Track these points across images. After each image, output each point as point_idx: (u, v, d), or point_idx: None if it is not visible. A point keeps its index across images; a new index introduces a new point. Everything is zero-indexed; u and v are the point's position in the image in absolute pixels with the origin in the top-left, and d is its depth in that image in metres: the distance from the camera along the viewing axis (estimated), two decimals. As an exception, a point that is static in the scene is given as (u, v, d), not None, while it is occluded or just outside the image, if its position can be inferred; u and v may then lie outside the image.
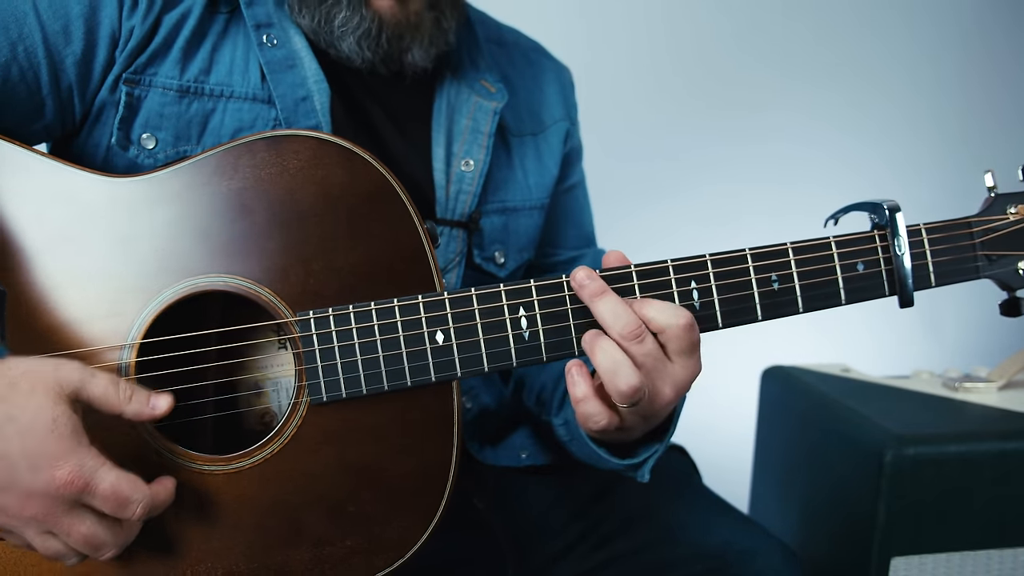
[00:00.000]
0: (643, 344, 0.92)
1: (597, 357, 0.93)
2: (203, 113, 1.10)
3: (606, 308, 0.94)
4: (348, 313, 0.96)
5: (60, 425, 0.81)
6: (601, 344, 0.93)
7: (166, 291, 0.95)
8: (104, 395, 0.85)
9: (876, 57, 2.71)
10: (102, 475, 0.82)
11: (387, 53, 1.15)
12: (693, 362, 0.95)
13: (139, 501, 0.84)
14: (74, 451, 0.81)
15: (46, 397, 0.81)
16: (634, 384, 0.90)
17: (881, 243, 1.02)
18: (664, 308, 0.93)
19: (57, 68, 1.05)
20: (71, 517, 0.83)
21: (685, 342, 0.93)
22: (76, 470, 0.81)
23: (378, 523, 0.97)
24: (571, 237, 1.44)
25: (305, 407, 0.96)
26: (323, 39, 1.14)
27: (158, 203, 0.95)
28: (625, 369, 0.91)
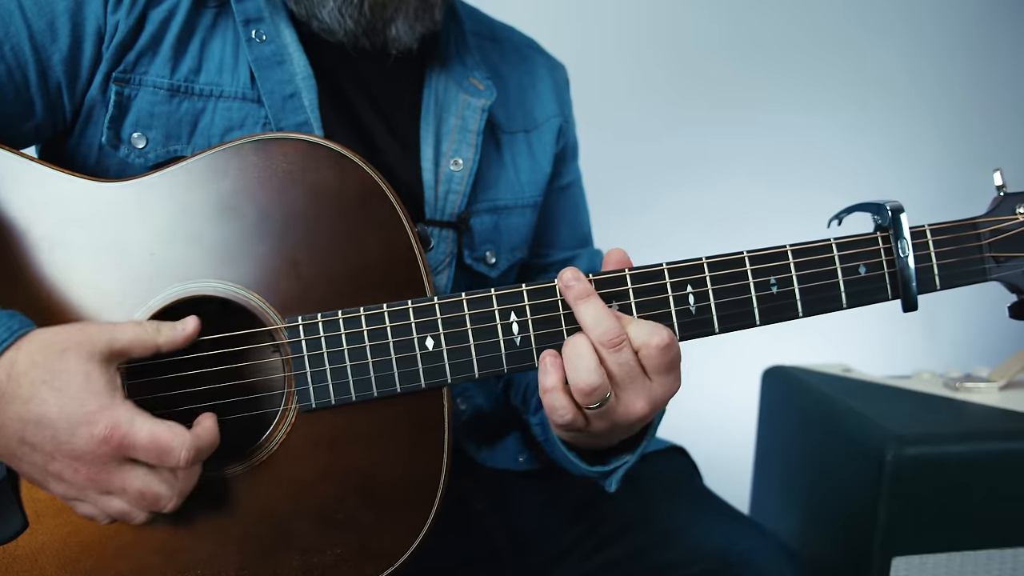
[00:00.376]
0: (619, 353, 0.89)
1: (566, 349, 0.90)
2: (193, 112, 1.05)
3: (589, 311, 0.90)
4: (337, 319, 0.91)
5: (93, 381, 0.80)
6: (574, 339, 0.90)
7: (156, 297, 0.91)
8: (135, 337, 0.85)
9: (877, 56, 2.66)
10: (139, 426, 0.81)
11: (369, 23, 1.09)
12: (671, 379, 0.92)
13: (181, 446, 0.82)
14: (108, 406, 0.80)
15: (78, 356, 0.81)
16: (591, 383, 0.88)
17: (884, 245, 0.97)
18: (644, 326, 0.90)
19: (44, 66, 1.01)
20: (121, 473, 0.82)
21: (662, 360, 0.90)
22: (112, 424, 0.80)
23: (368, 531, 0.94)
24: (565, 237, 1.39)
25: (294, 414, 0.92)
26: (304, 8, 1.09)
27: (147, 208, 0.92)
28: (587, 366, 0.88)
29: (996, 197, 0.98)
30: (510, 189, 1.26)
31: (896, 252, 0.96)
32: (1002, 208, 0.97)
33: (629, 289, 0.94)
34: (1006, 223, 0.97)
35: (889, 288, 0.97)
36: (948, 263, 0.98)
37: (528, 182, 1.29)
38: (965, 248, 0.98)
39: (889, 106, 2.68)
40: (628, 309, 0.94)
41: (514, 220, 1.27)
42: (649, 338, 0.89)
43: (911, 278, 0.95)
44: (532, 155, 1.30)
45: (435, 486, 0.94)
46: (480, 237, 1.23)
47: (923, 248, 0.97)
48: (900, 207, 0.95)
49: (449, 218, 1.18)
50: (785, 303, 0.96)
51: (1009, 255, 0.97)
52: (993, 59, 2.70)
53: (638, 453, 1.03)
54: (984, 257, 0.98)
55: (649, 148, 2.53)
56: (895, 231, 0.95)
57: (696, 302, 0.94)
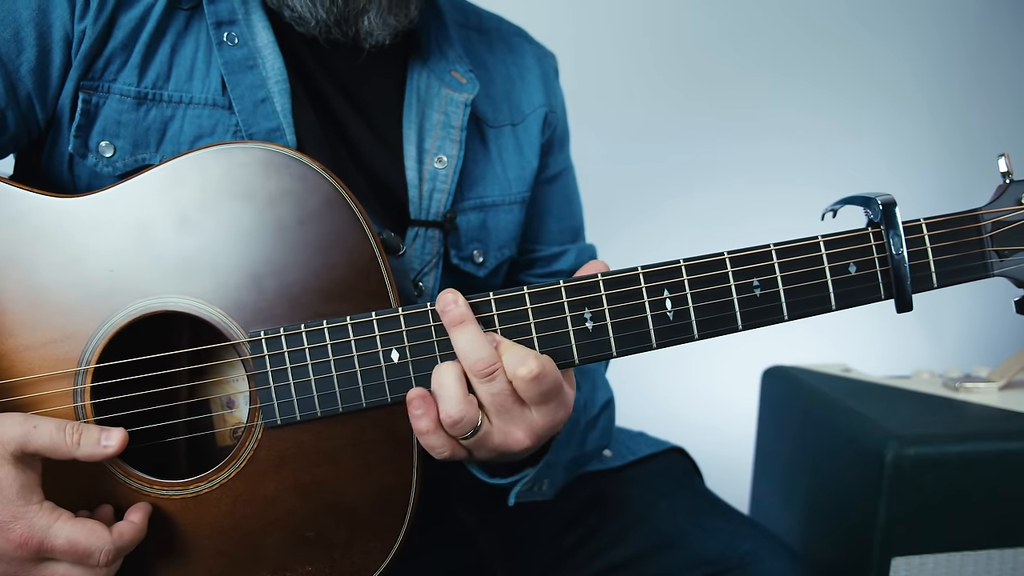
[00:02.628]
0: (492, 383, 0.75)
1: (433, 379, 0.76)
2: (162, 120, 0.91)
3: (464, 339, 0.75)
4: (300, 333, 0.77)
5: (4, 489, 0.71)
6: (443, 368, 0.76)
7: (118, 314, 0.78)
8: (51, 444, 0.73)
9: (876, 54, 2.46)
10: (55, 532, 0.71)
11: (342, 13, 0.93)
12: (550, 410, 0.77)
13: (100, 549, 0.72)
14: (22, 514, 0.71)
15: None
16: (454, 415, 0.74)
17: (876, 241, 0.79)
18: (515, 354, 0.75)
19: (12, 78, 0.87)
20: (41, 570, 0.73)
21: (533, 392, 0.75)
22: (27, 531, 0.71)
23: (338, 548, 0.80)
24: (554, 231, 1.20)
25: (260, 430, 0.78)
26: None
27: (107, 222, 0.78)
28: (452, 395, 0.74)
29: (1001, 185, 0.78)
30: (497, 185, 1.09)
31: (889, 248, 0.77)
32: (1006, 198, 0.78)
33: (602, 295, 0.77)
34: (1010, 214, 0.77)
35: (882, 287, 0.79)
36: (946, 259, 0.79)
37: (516, 178, 1.11)
38: (965, 242, 0.78)
39: (891, 106, 2.48)
40: (601, 316, 0.77)
41: (502, 217, 1.10)
42: (516, 368, 0.74)
43: (905, 276, 0.77)
44: (519, 149, 1.13)
45: (406, 501, 0.80)
46: (467, 236, 1.06)
47: (918, 244, 0.78)
48: (892, 200, 0.76)
49: (435, 217, 1.02)
50: (769, 306, 0.78)
51: (1014, 248, 0.77)
52: (994, 59, 2.49)
53: (538, 468, 0.90)
54: (986, 251, 0.79)
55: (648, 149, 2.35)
56: (888, 226, 0.77)
57: (673, 307, 0.77)
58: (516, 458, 0.84)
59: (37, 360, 0.77)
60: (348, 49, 0.98)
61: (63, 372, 0.77)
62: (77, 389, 0.77)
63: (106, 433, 0.74)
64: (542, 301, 0.77)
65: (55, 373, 0.77)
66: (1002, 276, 0.79)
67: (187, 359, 0.84)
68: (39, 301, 0.77)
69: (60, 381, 0.78)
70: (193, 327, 0.83)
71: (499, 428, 0.76)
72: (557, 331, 0.77)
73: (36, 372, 0.77)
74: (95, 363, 0.77)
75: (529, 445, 0.78)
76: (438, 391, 0.75)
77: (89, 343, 0.77)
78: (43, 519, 0.71)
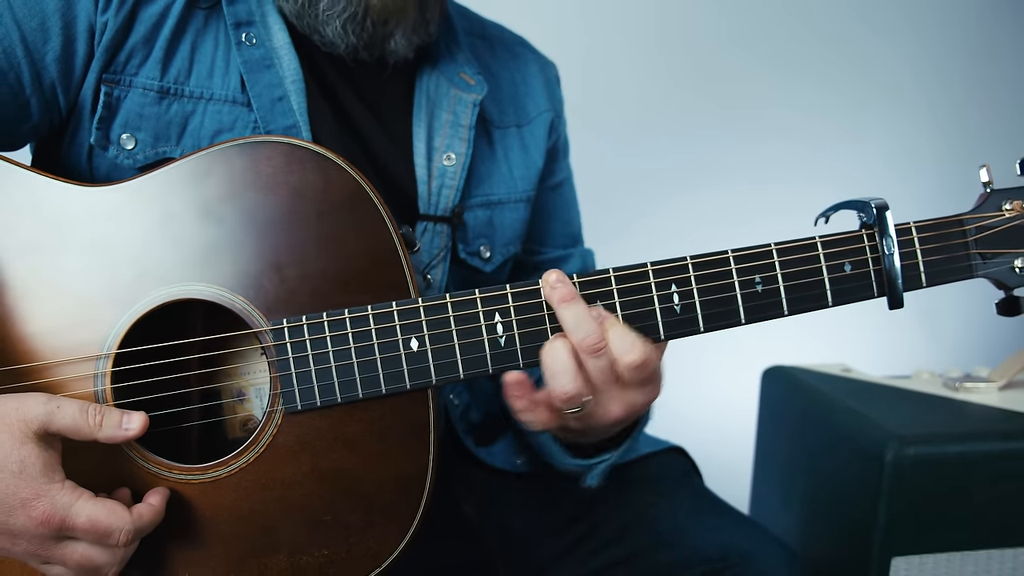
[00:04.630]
0: (599, 359, 0.87)
1: (545, 357, 0.88)
2: (183, 115, 1.03)
3: (571, 315, 0.88)
4: (322, 321, 0.89)
5: (28, 466, 0.78)
6: (554, 344, 0.88)
7: (141, 300, 0.89)
8: (73, 424, 0.81)
9: (876, 54, 2.61)
10: (77, 510, 0.79)
11: (371, 37, 1.08)
12: (648, 390, 0.91)
13: (120, 529, 0.80)
14: (44, 492, 0.78)
15: (11, 439, 0.78)
16: (569, 390, 0.86)
17: (869, 242, 0.94)
18: (623, 338, 0.88)
19: (38, 67, 0.99)
20: (61, 548, 0.80)
21: (635, 377, 0.88)
22: (49, 509, 0.78)
23: (355, 532, 0.91)
24: (557, 235, 1.37)
25: (280, 416, 0.90)
26: (307, 23, 1.07)
27: (132, 212, 0.89)
28: (565, 370, 0.86)
29: (983, 194, 0.94)
30: (503, 183, 1.24)
31: (881, 249, 0.92)
32: (988, 204, 0.94)
33: (614, 289, 0.91)
34: (992, 219, 0.93)
35: (875, 286, 0.94)
36: (934, 260, 0.94)
37: (521, 176, 1.26)
38: (951, 245, 0.94)
39: (891, 105, 2.63)
40: (612, 308, 0.91)
41: (508, 214, 1.24)
42: (623, 355, 0.87)
43: (897, 275, 0.92)
44: (525, 149, 1.28)
45: (422, 487, 0.92)
46: (474, 232, 1.20)
47: (909, 245, 0.93)
48: (885, 204, 0.91)
49: (443, 213, 1.16)
50: (770, 301, 0.92)
51: (995, 251, 0.93)
52: (994, 58, 2.65)
53: (621, 450, 1.02)
54: (970, 254, 0.94)
55: (647, 149, 2.49)
56: (880, 228, 0.92)
57: (680, 301, 0.91)
58: (605, 434, 0.96)
59: (59, 344, 0.87)
60: (371, 65, 1.11)
61: (85, 357, 0.88)
62: (98, 374, 0.88)
63: (127, 416, 0.83)
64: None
65: (77, 358, 0.87)
66: (984, 277, 0.94)
67: (205, 347, 0.95)
68: (62, 286, 0.88)
69: (82, 365, 0.88)
70: (212, 316, 0.93)
71: (600, 403, 0.89)
72: (571, 323, 0.90)
73: (58, 356, 0.87)
74: (117, 348, 0.88)
75: (623, 419, 0.90)
76: (552, 367, 0.87)
77: (112, 329, 0.88)
78: (65, 497, 0.78)
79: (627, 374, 0.88)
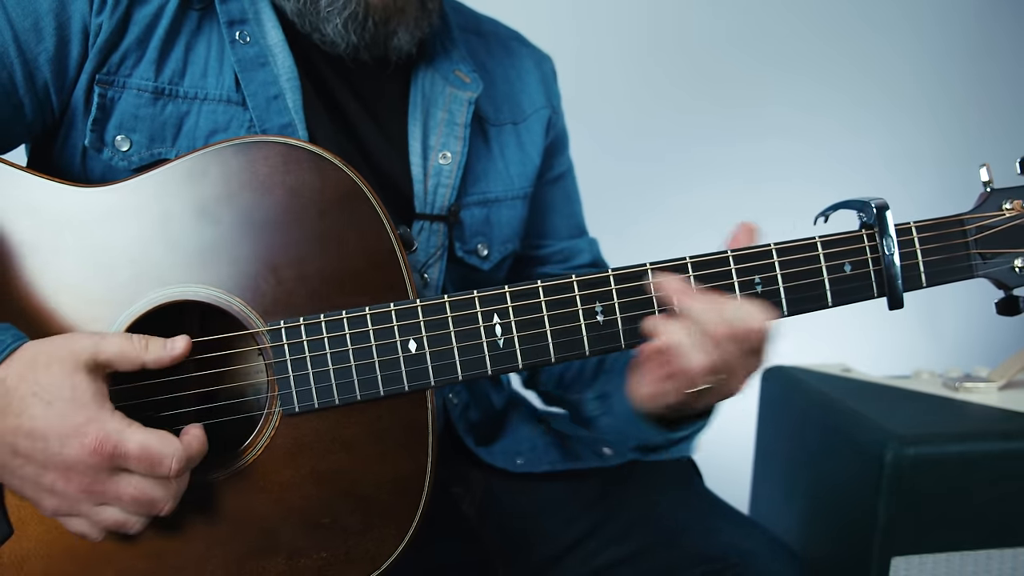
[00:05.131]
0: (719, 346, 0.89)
1: (670, 332, 0.89)
2: (178, 115, 1.03)
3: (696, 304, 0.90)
4: (319, 322, 0.89)
5: (80, 392, 0.79)
6: (682, 324, 0.90)
7: (138, 302, 0.89)
8: (120, 351, 0.82)
9: (876, 54, 2.60)
10: (128, 436, 0.79)
11: (373, 37, 1.07)
12: (762, 358, 0.93)
13: (172, 455, 0.80)
14: (96, 417, 0.79)
15: (62, 368, 0.79)
16: (705, 363, 0.88)
17: (869, 243, 0.93)
18: (747, 308, 0.90)
19: (31, 67, 0.98)
20: (114, 481, 0.80)
21: (758, 343, 0.90)
22: (102, 435, 0.78)
23: (353, 534, 0.91)
24: (562, 227, 1.36)
25: (278, 418, 0.90)
26: (308, 22, 1.06)
27: (129, 212, 0.89)
28: (698, 346, 0.88)
29: (983, 193, 0.94)
30: (500, 181, 1.24)
31: (881, 249, 0.92)
32: (988, 204, 0.93)
33: (613, 289, 0.91)
34: (992, 219, 0.92)
35: (875, 286, 0.93)
36: (934, 260, 0.94)
37: (518, 174, 1.26)
38: (951, 245, 0.93)
39: (891, 104, 2.62)
40: (612, 309, 0.91)
41: (505, 212, 1.24)
42: (749, 321, 0.88)
43: (897, 275, 0.91)
44: (521, 146, 1.27)
45: (421, 488, 0.92)
46: (471, 230, 1.20)
47: (909, 245, 0.93)
48: (885, 204, 0.91)
49: (439, 211, 1.15)
50: (770, 302, 0.92)
51: (995, 251, 0.92)
52: (995, 58, 2.64)
53: (710, 419, 1.04)
54: (971, 254, 0.94)
55: (646, 149, 2.49)
56: (880, 228, 0.91)
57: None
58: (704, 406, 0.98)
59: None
60: (372, 64, 1.11)
61: None
62: None
63: (171, 340, 0.85)
64: (555, 294, 0.90)
65: None
66: (984, 277, 0.94)
67: (203, 348, 0.94)
68: (59, 288, 0.87)
69: None
70: (209, 318, 0.93)
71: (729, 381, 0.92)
72: (569, 324, 0.90)
73: None
74: None
75: (738, 390, 0.94)
76: (681, 342, 0.88)
77: (108, 330, 0.87)
78: (116, 423, 0.79)
79: (755, 340, 0.90)
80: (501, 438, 1.29)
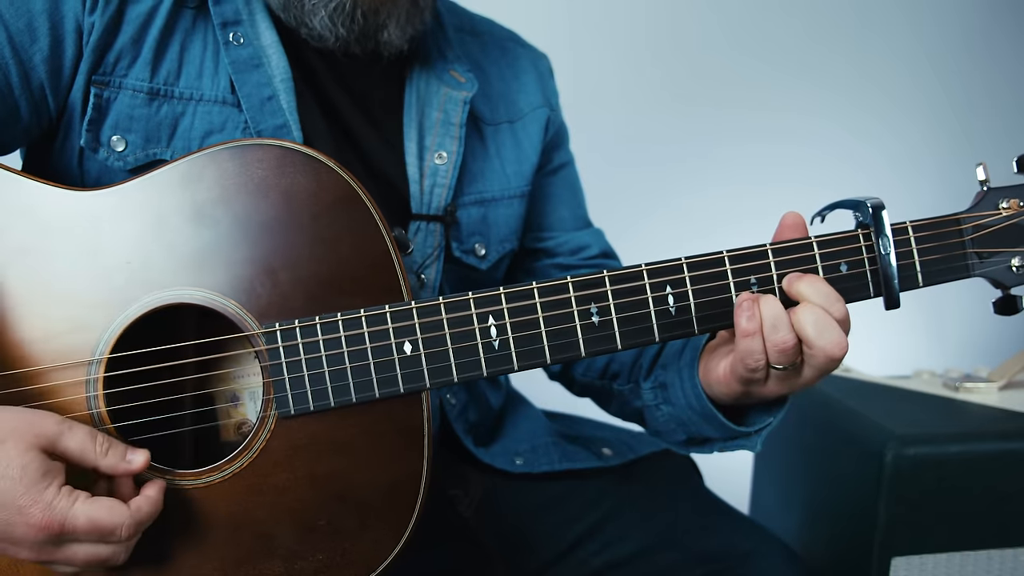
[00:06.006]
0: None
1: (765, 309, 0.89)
2: (173, 116, 1.02)
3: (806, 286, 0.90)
4: (315, 325, 0.88)
5: (29, 472, 0.77)
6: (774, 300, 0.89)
7: (133, 305, 0.88)
8: (80, 448, 0.82)
9: (876, 54, 2.59)
10: (76, 512, 0.78)
11: (362, 30, 1.05)
12: None
13: (120, 524, 0.80)
14: (41, 496, 0.77)
15: (16, 447, 0.78)
16: (790, 340, 0.88)
17: (865, 242, 0.92)
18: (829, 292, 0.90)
19: (26, 67, 0.98)
20: (64, 551, 0.80)
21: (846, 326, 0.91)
22: (47, 515, 0.78)
23: (349, 537, 0.90)
24: (567, 218, 1.34)
25: (273, 420, 0.89)
26: (293, 16, 1.05)
27: (124, 215, 0.89)
28: (784, 326, 0.88)
29: (979, 192, 0.93)
30: (496, 180, 1.23)
31: (877, 249, 0.91)
32: (985, 203, 0.92)
33: (608, 291, 0.90)
34: (989, 218, 0.92)
35: (871, 286, 0.93)
36: (930, 259, 0.93)
37: (514, 173, 1.25)
38: (948, 244, 0.92)
39: (891, 105, 2.61)
40: (607, 311, 0.90)
41: (502, 211, 1.23)
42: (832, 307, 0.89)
43: (893, 275, 0.90)
44: (518, 145, 1.26)
45: (417, 491, 0.91)
46: (468, 230, 1.19)
47: (905, 245, 0.92)
48: (881, 204, 0.90)
49: (435, 212, 1.15)
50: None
51: (992, 250, 0.91)
52: (995, 58, 2.63)
53: (781, 414, 1.02)
54: (967, 253, 0.93)
55: (646, 149, 2.48)
56: (876, 228, 0.90)
57: (675, 302, 0.90)
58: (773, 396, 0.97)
59: (51, 349, 0.86)
60: (364, 59, 1.09)
61: (77, 362, 0.87)
62: (90, 379, 0.87)
63: (132, 451, 0.84)
64: (550, 295, 0.90)
65: (68, 363, 0.87)
66: (981, 277, 0.93)
67: (198, 351, 0.94)
68: (54, 291, 0.87)
69: (73, 371, 0.87)
70: (205, 321, 0.92)
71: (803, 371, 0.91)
72: (565, 325, 0.89)
73: (50, 361, 0.86)
74: (109, 353, 0.87)
75: (812, 382, 0.93)
76: (772, 320, 0.88)
77: (103, 334, 0.87)
78: (62, 502, 0.78)
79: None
80: (500, 439, 1.29)
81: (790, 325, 0.88)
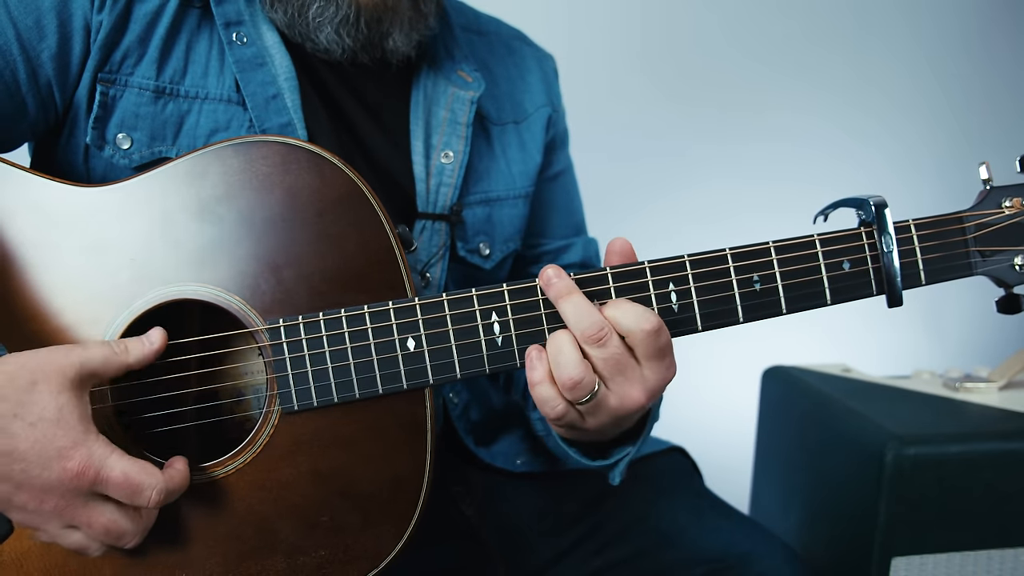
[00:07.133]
0: (604, 347, 0.84)
1: (549, 346, 0.86)
2: (178, 114, 1.02)
3: (571, 308, 0.86)
4: (318, 320, 0.88)
5: (66, 414, 0.77)
6: (556, 335, 0.86)
7: (138, 301, 0.88)
8: (105, 359, 0.81)
9: (876, 54, 2.60)
10: (112, 463, 0.77)
11: (367, 39, 1.06)
12: (664, 366, 0.87)
13: (152, 487, 0.79)
14: (83, 440, 0.77)
15: (48, 387, 0.77)
16: (573, 376, 0.84)
17: (868, 240, 0.92)
18: (630, 311, 0.85)
19: (34, 64, 0.98)
20: (89, 508, 0.79)
21: (651, 347, 0.85)
22: (86, 459, 0.77)
23: (352, 533, 0.90)
24: (558, 226, 1.35)
25: (277, 416, 0.89)
26: (298, 32, 1.05)
27: (129, 212, 0.88)
28: (568, 360, 0.84)
29: (982, 191, 0.93)
30: (502, 180, 1.23)
31: (880, 247, 0.90)
32: (988, 202, 0.92)
33: (611, 288, 0.90)
34: (992, 217, 0.91)
35: (874, 283, 0.92)
36: (933, 258, 0.93)
37: (519, 173, 1.25)
38: (950, 242, 0.92)
39: (891, 105, 2.62)
40: (610, 309, 0.90)
41: (507, 211, 1.23)
42: (636, 324, 0.84)
43: (896, 273, 0.90)
44: (523, 146, 1.27)
45: (419, 487, 0.91)
46: (473, 229, 1.19)
47: (907, 243, 0.92)
48: (883, 202, 0.90)
49: (441, 211, 1.15)
50: (768, 300, 0.91)
51: (995, 248, 0.91)
52: (994, 58, 2.64)
53: (639, 444, 1.00)
54: (970, 251, 0.93)
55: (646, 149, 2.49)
56: (879, 226, 0.90)
57: (678, 299, 0.90)
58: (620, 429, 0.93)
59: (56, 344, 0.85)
60: (373, 68, 1.10)
61: None
62: None
63: (145, 336, 0.84)
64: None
65: None
66: (984, 275, 0.93)
67: (203, 347, 0.94)
68: (60, 287, 0.87)
69: None
70: (209, 317, 0.92)
71: (616, 391, 0.86)
72: (568, 322, 0.89)
73: None
74: None
75: (644, 403, 0.87)
76: (555, 357, 0.85)
77: (109, 329, 0.87)
78: (101, 448, 0.77)
79: (644, 343, 0.84)
80: (501, 438, 1.28)
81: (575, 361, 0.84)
